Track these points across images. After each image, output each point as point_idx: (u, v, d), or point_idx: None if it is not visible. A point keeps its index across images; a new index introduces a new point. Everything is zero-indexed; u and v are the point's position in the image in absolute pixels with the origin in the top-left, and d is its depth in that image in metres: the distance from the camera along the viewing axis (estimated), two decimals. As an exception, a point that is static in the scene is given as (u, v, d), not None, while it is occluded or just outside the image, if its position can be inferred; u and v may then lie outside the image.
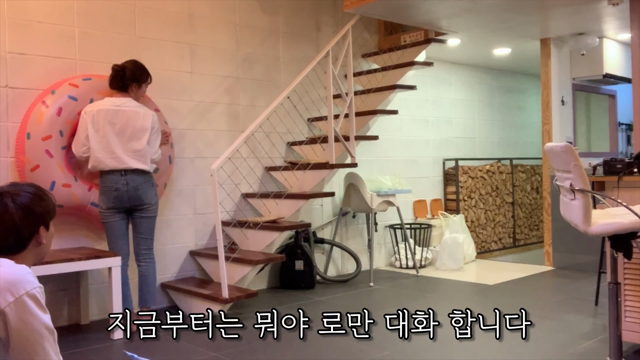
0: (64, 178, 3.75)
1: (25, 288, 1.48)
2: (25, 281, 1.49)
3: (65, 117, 3.75)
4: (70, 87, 3.81)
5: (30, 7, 3.85)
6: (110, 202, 3.73)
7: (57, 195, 3.67)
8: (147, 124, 3.77)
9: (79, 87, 3.83)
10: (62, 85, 3.82)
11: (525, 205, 7.45)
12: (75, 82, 3.85)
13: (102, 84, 3.90)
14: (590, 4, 4.60)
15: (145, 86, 3.92)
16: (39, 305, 1.49)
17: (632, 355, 3.04)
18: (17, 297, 1.46)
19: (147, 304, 3.86)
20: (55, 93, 3.78)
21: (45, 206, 1.67)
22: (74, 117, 3.78)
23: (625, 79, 5.98)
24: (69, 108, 3.76)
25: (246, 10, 4.95)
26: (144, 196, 3.77)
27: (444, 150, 6.76)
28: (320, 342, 3.36)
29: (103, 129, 3.68)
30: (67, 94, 3.78)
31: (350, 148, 4.60)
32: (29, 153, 3.68)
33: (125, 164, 3.69)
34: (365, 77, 5.45)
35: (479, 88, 7.27)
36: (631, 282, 2.99)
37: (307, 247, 4.99)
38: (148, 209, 3.83)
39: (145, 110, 3.81)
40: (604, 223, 2.36)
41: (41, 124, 3.69)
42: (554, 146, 2.44)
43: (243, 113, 4.91)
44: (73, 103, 3.78)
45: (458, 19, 4.96)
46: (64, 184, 3.75)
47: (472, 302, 4.29)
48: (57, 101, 3.74)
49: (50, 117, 3.70)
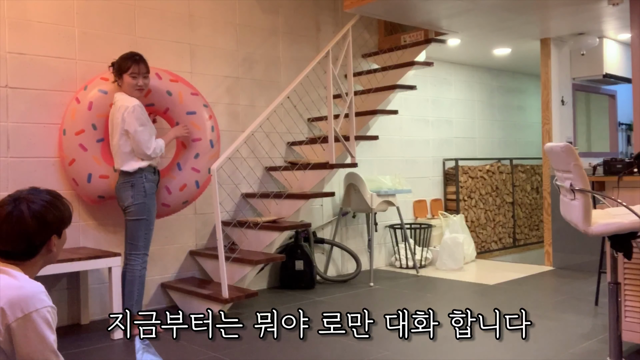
0: (101, 169, 3.84)
1: (35, 306, 1.47)
2: (38, 299, 1.48)
3: (96, 110, 3.83)
4: (101, 81, 3.90)
5: (30, 7, 3.85)
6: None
7: (96, 186, 3.85)
8: (118, 119, 3.60)
9: (109, 80, 3.89)
10: (95, 80, 3.92)
11: (525, 205, 7.45)
12: (107, 75, 3.91)
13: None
14: (590, 4, 4.60)
15: (128, 77, 3.66)
16: (47, 325, 1.48)
17: (632, 355, 3.04)
18: (26, 313, 1.45)
19: (125, 305, 3.63)
20: (87, 89, 3.88)
21: (60, 215, 1.66)
22: (105, 110, 3.83)
23: (625, 79, 5.98)
24: (100, 101, 3.84)
25: (246, 10, 4.95)
26: (119, 197, 3.71)
27: (444, 150, 6.76)
28: (320, 342, 3.36)
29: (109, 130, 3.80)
30: (97, 88, 3.87)
31: (350, 148, 4.60)
32: (66, 148, 3.84)
33: (115, 164, 3.75)
34: (365, 77, 5.45)
35: (479, 88, 7.27)
36: (631, 282, 2.99)
37: (307, 247, 4.99)
38: (126, 211, 3.67)
39: (123, 103, 3.61)
40: (604, 223, 2.36)
41: (74, 119, 3.81)
42: (554, 146, 2.44)
43: (243, 113, 4.91)
44: (104, 97, 3.85)
45: (458, 19, 4.96)
46: (101, 175, 3.84)
47: (472, 302, 4.29)
48: (88, 96, 3.84)
49: (81, 112, 3.81)
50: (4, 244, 1.57)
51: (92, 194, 3.90)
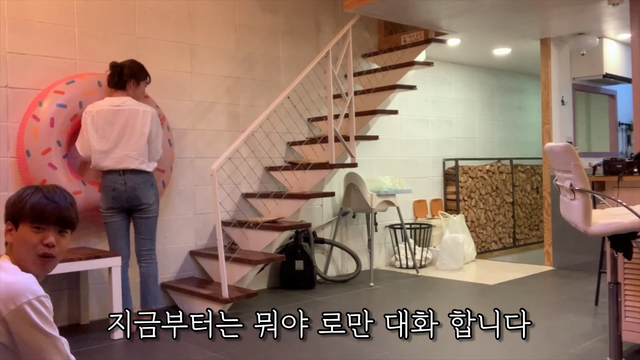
0: (73, 186, 3.75)
1: (27, 297, 1.47)
2: (29, 290, 1.49)
3: (59, 126, 3.73)
4: (56, 95, 3.75)
5: (30, 7, 3.85)
6: (109, 202, 3.74)
7: None
8: (146, 122, 3.74)
9: (64, 93, 3.77)
10: (48, 94, 3.76)
11: (525, 205, 7.45)
12: (60, 88, 3.78)
13: (87, 83, 3.87)
14: (590, 4, 4.60)
15: (144, 84, 3.90)
16: (39, 315, 1.48)
17: (632, 355, 3.04)
18: (18, 305, 1.46)
19: (147, 305, 3.83)
20: (42, 105, 3.72)
21: (12, 202, 1.65)
22: (67, 125, 3.77)
23: (625, 79, 5.98)
24: (61, 117, 3.73)
25: (246, 10, 4.95)
26: (141, 196, 3.74)
27: (444, 150, 6.76)
28: (320, 342, 3.36)
29: (102, 130, 3.68)
30: (55, 103, 3.73)
31: (350, 148, 4.60)
32: (33, 170, 3.67)
33: (123, 164, 3.69)
34: (365, 77, 5.45)
35: (479, 88, 7.27)
36: (631, 282, 2.99)
37: (307, 247, 4.99)
38: (147, 210, 3.80)
39: (145, 108, 3.78)
40: (604, 223, 2.36)
41: (37, 139, 3.65)
42: (554, 146, 2.44)
43: (243, 113, 4.91)
44: (63, 111, 3.74)
45: (458, 19, 4.96)
46: (74, 191, 3.72)
47: (472, 302, 4.28)
48: (47, 112, 3.70)
49: (43, 129, 3.67)
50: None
51: None
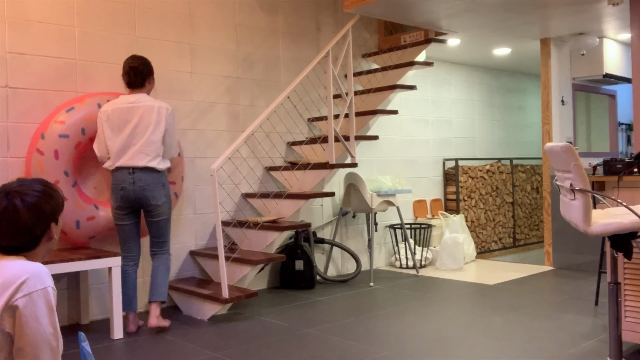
0: (85, 212, 3.78)
1: (36, 287, 1.49)
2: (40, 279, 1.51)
3: (64, 157, 3.72)
4: (57, 125, 3.72)
5: (30, 7, 3.85)
6: (118, 202, 3.65)
7: (86, 229, 3.81)
8: (162, 118, 3.65)
9: (65, 122, 3.73)
10: (49, 125, 3.73)
11: (525, 205, 7.45)
12: (60, 118, 3.75)
13: (86, 107, 3.83)
14: (590, 4, 4.60)
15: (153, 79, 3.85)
16: (48, 305, 1.50)
17: (632, 355, 3.04)
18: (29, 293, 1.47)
19: (153, 297, 3.73)
20: (45, 137, 3.69)
21: (55, 203, 1.69)
22: (72, 154, 3.75)
23: (625, 79, 5.98)
24: (65, 147, 3.72)
25: (246, 10, 4.95)
26: (151, 197, 3.63)
27: (444, 150, 6.77)
28: (320, 342, 3.36)
29: (118, 128, 3.61)
30: (57, 134, 3.70)
31: (350, 148, 4.60)
32: None
33: (132, 161, 3.58)
34: (365, 77, 5.45)
35: (479, 88, 7.27)
36: (631, 282, 2.99)
37: (307, 247, 4.99)
38: (156, 211, 3.68)
39: (160, 104, 3.68)
40: (604, 223, 2.36)
41: (44, 172, 3.66)
42: (554, 146, 2.44)
43: (243, 113, 4.91)
44: (66, 141, 3.72)
45: (458, 19, 4.96)
46: (88, 217, 3.79)
47: (472, 302, 4.28)
48: (50, 145, 3.68)
49: (49, 163, 3.67)
50: (5, 240, 1.59)
51: (83, 237, 3.84)
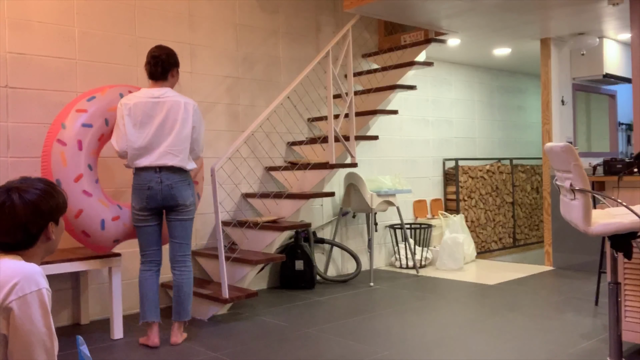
0: (110, 212, 3.49)
1: (30, 288, 1.48)
2: (34, 281, 1.50)
3: (88, 148, 3.45)
4: (78, 114, 3.45)
5: (30, 7, 3.85)
6: (143, 202, 3.40)
7: (111, 231, 3.49)
8: (189, 115, 3.41)
9: (87, 111, 3.47)
10: (70, 114, 3.45)
11: (525, 205, 7.45)
12: (81, 106, 3.48)
13: (108, 97, 3.58)
14: (590, 4, 4.60)
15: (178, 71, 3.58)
16: (42, 307, 1.50)
17: (632, 355, 3.04)
18: (22, 295, 1.47)
19: (179, 318, 3.50)
20: (66, 127, 3.40)
21: (54, 203, 1.66)
22: (96, 146, 3.50)
23: (625, 79, 5.98)
24: (88, 137, 3.44)
25: (246, 10, 4.95)
26: (178, 196, 3.42)
27: (444, 150, 6.77)
28: (320, 342, 3.36)
29: (141, 124, 3.35)
30: (80, 123, 3.43)
31: (350, 148, 4.60)
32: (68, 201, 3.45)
33: (161, 161, 3.35)
34: (365, 77, 5.45)
35: (479, 88, 7.27)
36: (631, 282, 2.99)
37: (307, 247, 4.99)
38: (183, 211, 3.47)
39: (186, 100, 3.44)
40: (604, 223, 2.36)
41: (66, 165, 3.35)
42: (554, 146, 2.44)
43: (243, 113, 4.91)
44: (89, 130, 3.45)
45: (458, 19, 4.96)
46: (113, 217, 3.49)
47: (472, 302, 4.28)
48: (73, 134, 3.39)
49: (72, 154, 3.37)
50: (1, 236, 1.58)
51: (108, 240, 3.51)
